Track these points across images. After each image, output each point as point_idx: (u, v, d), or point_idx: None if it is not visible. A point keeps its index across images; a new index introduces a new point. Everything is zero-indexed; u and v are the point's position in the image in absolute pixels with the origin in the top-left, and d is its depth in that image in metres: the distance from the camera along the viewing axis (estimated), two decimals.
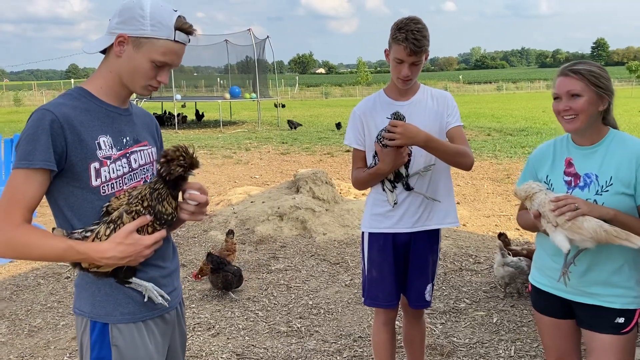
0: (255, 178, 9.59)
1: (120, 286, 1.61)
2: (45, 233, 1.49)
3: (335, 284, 4.70)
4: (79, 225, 1.56)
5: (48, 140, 1.46)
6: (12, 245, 1.47)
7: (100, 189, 1.56)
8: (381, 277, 2.63)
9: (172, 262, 1.78)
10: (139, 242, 1.51)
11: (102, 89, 1.63)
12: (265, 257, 5.37)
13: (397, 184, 2.54)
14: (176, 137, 16.07)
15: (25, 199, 1.47)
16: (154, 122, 1.88)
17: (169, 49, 1.57)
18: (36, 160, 1.45)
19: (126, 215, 1.51)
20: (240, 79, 23.59)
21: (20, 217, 1.47)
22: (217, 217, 6.54)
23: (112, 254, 1.49)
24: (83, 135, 1.53)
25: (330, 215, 6.28)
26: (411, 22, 2.33)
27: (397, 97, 2.55)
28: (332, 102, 39.60)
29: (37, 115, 1.49)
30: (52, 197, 1.57)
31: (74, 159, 1.51)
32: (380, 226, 2.60)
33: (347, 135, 2.64)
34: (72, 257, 1.49)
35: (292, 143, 14.40)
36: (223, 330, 3.86)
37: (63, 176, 1.53)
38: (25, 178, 1.46)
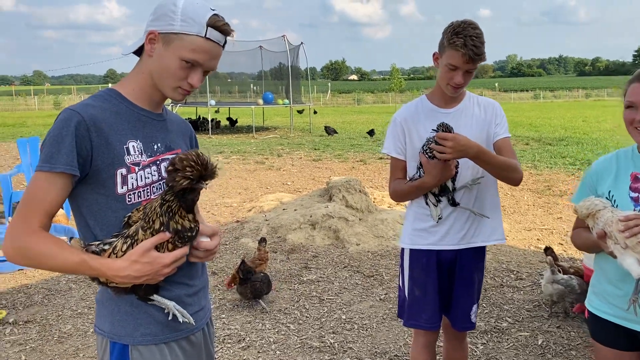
0: (287, 185, 9.49)
1: (141, 305, 1.49)
2: (60, 243, 1.38)
3: (369, 297, 4.53)
4: (101, 235, 1.45)
5: (72, 143, 1.36)
6: (26, 252, 1.37)
7: (125, 198, 1.45)
8: (424, 297, 2.45)
9: (200, 280, 1.65)
10: (156, 261, 1.38)
11: (134, 91, 1.53)
12: (297, 267, 5.23)
13: (441, 198, 2.37)
14: (210, 142, 16.16)
15: (45, 203, 1.37)
16: (189, 129, 1.77)
17: (198, 46, 1.44)
18: (59, 163, 1.35)
19: (142, 231, 1.39)
20: (273, 85, 23.65)
21: (38, 223, 1.37)
22: (249, 224, 6.45)
23: (127, 273, 1.37)
24: (111, 138, 1.43)
25: (363, 225, 6.11)
26: (469, 27, 2.16)
27: (442, 104, 2.38)
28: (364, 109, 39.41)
29: (64, 115, 1.39)
30: (75, 204, 1.47)
31: (100, 164, 1.41)
32: (423, 242, 2.43)
33: (386, 144, 2.48)
34: (85, 272, 1.38)
35: (324, 150, 14.28)
36: (254, 343, 3.74)
37: (87, 182, 1.42)
38: (46, 182, 1.37)
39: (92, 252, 1.40)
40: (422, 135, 2.32)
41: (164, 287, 1.50)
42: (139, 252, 1.36)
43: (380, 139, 16.72)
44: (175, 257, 1.41)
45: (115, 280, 1.40)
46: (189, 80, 1.48)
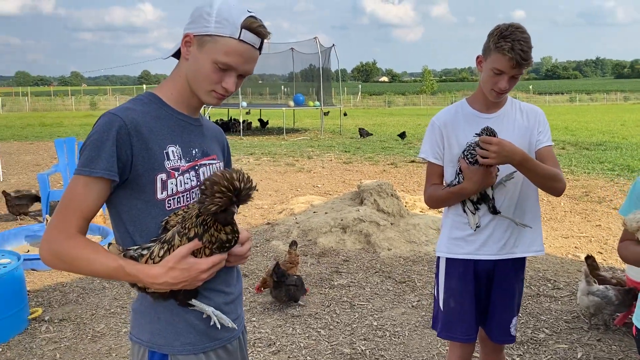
0: (317, 187, 9.47)
1: (181, 314, 1.47)
2: (97, 248, 1.37)
3: (401, 304, 4.46)
4: (140, 241, 1.43)
5: (113, 148, 1.34)
6: (62, 256, 1.36)
7: (165, 203, 1.43)
8: (461, 308, 2.38)
9: (236, 287, 1.63)
10: (194, 267, 1.35)
11: (172, 96, 1.51)
12: (327, 271, 5.19)
13: (480, 205, 2.29)
14: (241, 143, 16.28)
15: (82, 208, 1.36)
16: (223, 136, 1.76)
17: (232, 48, 1.40)
18: (98, 168, 1.34)
19: (178, 236, 1.36)
20: (304, 87, 23.69)
21: (75, 228, 1.36)
22: (280, 227, 6.44)
23: (164, 280, 1.34)
24: (151, 143, 1.41)
25: (395, 229, 6.03)
26: (517, 31, 2.08)
27: (483, 109, 2.31)
28: (395, 111, 39.17)
29: (105, 119, 1.38)
30: (114, 209, 1.45)
31: (140, 169, 1.39)
32: (460, 251, 2.35)
33: (424, 148, 2.41)
34: (122, 278, 1.36)
35: (355, 152, 14.21)
36: (284, 347, 3.71)
37: (127, 187, 1.41)
38: (84, 186, 1.36)
39: (129, 257, 1.38)
40: (461, 140, 2.25)
41: (202, 295, 1.48)
42: (176, 258, 1.34)
43: (411, 141, 16.57)
44: (212, 263, 1.38)
45: (153, 287, 1.38)
46: (223, 84, 1.45)
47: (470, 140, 2.18)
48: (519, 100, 2.40)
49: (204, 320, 1.49)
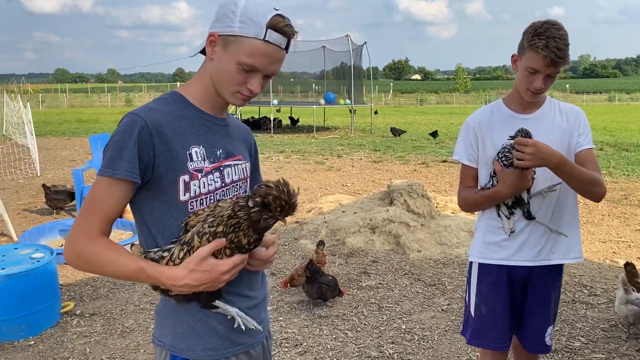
0: (346, 186, 9.41)
1: (203, 318, 1.45)
2: (119, 250, 1.35)
3: (430, 307, 4.37)
4: (163, 243, 1.41)
5: (134, 149, 1.33)
6: (85, 258, 1.35)
7: (187, 205, 1.41)
8: (493, 315, 2.30)
9: (260, 291, 1.60)
10: (214, 269, 1.32)
11: (197, 95, 1.49)
12: (355, 271, 5.13)
13: (515, 210, 2.20)
14: (271, 141, 16.34)
15: (105, 209, 1.35)
16: (251, 135, 1.72)
17: (256, 49, 1.36)
18: (120, 169, 1.32)
19: (197, 237, 1.33)
20: (335, 85, 23.62)
21: (97, 229, 1.35)
22: (308, 226, 6.41)
23: (185, 282, 1.31)
24: (174, 144, 1.39)
25: (425, 231, 5.93)
26: (552, 27, 1.99)
27: (520, 109, 2.22)
28: (427, 110, 38.73)
29: (127, 120, 1.36)
30: (138, 211, 1.44)
31: (162, 171, 1.37)
32: (494, 257, 2.27)
33: (457, 149, 2.34)
34: (143, 280, 1.35)
35: (385, 151, 14.09)
36: (310, 349, 3.68)
37: (149, 188, 1.39)
38: (107, 187, 1.34)
39: (150, 259, 1.37)
40: (497, 142, 2.17)
41: (225, 299, 1.45)
42: (196, 260, 1.31)
43: (443, 140, 16.34)
44: (233, 264, 1.35)
45: (174, 290, 1.36)
46: (248, 85, 1.42)
47: (506, 142, 2.10)
48: (559, 100, 2.30)
49: (226, 324, 1.46)
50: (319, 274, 4.30)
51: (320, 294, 4.26)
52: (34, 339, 3.73)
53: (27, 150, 12.10)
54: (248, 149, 1.67)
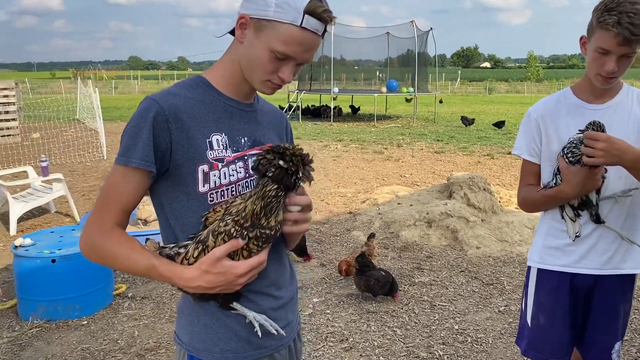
0: (404, 177, 9.15)
1: (221, 318, 1.35)
2: (133, 244, 1.28)
3: (487, 308, 4.13)
4: (182, 237, 1.33)
5: (149, 136, 1.24)
6: (97, 251, 1.29)
7: (207, 197, 1.31)
8: (551, 325, 2.08)
9: (289, 290, 1.48)
10: (230, 271, 1.22)
11: (222, 79, 1.38)
12: (408, 266, 4.95)
13: (581, 212, 1.97)
14: (330, 129, 16.23)
15: (120, 200, 1.28)
16: (284, 121, 1.59)
17: (291, 36, 1.24)
18: (134, 158, 1.24)
19: (212, 236, 1.23)
20: (399, 73, 23.14)
21: (112, 220, 1.28)
22: (362, 217, 6.26)
23: (198, 284, 1.23)
24: (192, 131, 1.29)
25: (486, 226, 5.63)
26: (625, 2, 1.73)
27: (591, 98, 1.96)
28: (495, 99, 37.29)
29: (143, 105, 1.28)
30: (158, 201, 1.36)
31: (180, 159, 1.28)
32: (556, 263, 2.05)
33: (518, 143, 2.11)
34: (155, 277, 1.27)
35: (448, 141, 13.64)
36: (357, 345, 3.56)
37: (168, 178, 1.30)
38: (122, 176, 1.27)
39: (166, 255, 1.28)
40: (563, 135, 1.94)
41: (247, 299, 1.35)
42: (210, 261, 1.21)
43: (511, 131, 15.63)
44: (250, 267, 1.24)
45: (187, 290, 1.28)
46: (279, 74, 1.30)
47: (573, 136, 1.87)
48: (635, 88, 2.02)
49: (247, 326, 1.36)
50: (368, 267, 4.17)
51: (367, 287, 4.13)
52: (87, 319, 3.83)
53: (96, 133, 12.63)
54: (279, 136, 1.54)
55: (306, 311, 4.04)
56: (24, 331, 3.64)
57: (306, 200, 1.31)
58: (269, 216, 1.22)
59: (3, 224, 6.11)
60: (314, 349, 3.49)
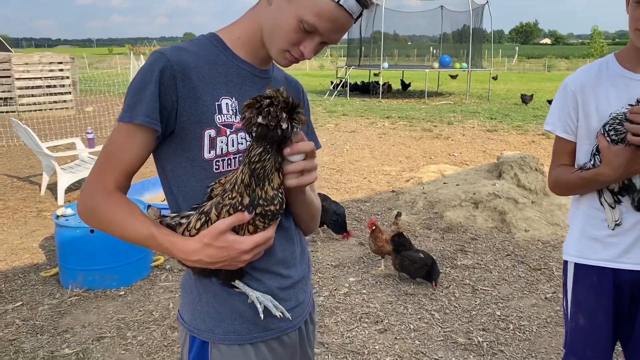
0: (453, 156, 8.84)
1: (224, 297, 1.26)
2: (132, 211, 1.18)
3: (532, 294, 3.91)
4: (184, 206, 1.24)
5: (155, 92, 1.14)
6: (95, 215, 1.20)
7: (212, 164, 1.21)
8: (591, 326, 1.86)
9: (299, 269, 1.37)
10: (233, 246, 1.12)
11: (239, 41, 1.26)
12: (451, 248, 4.76)
13: (622, 197, 1.74)
14: (378, 106, 15.93)
15: (123, 161, 1.18)
16: (301, 94, 1.46)
17: (325, 11, 1.13)
18: (139, 114, 1.14)
19: (214, 210, 1.13)
20: (454, 49, 22.36)
21: (113, 183, 1.19)
22: (405, 196, 6.08)
23: (198, 257, 1.13)
24: (201, 92, 1.19)
25: (536, 209, 5.34)
26: None
27: (637, 66, 1.72)
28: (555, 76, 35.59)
29: (150, 59, 1.18)
30: (160, 166, 1.27)
31: (186, 121, 1.18)
32: (594, 257, 1.82)
33: (551, 118, 1.87)
34: (154, 248, 1.18)
35: (502, 119, 13.10)
36: (391, 327, 3.44)
37: (172, 141, 1.21)
38: (126, 135, 1.17)
39: (166, 224, 1.19)
40: (603, 110, 1.71)
41: (253, 278, 1.25)
42: (213, 234, 1.11)
43: None
44: (255, 243, 1.14)
45: (187, 264, 1.19)
46: (301, 47, 1.19)
47: (617, 110, 1.64)
48: None
49: (253, 306, 1.26)
50: (404, 246, 4.01)
51: (402, 267, 3.99)
52: (124, 290, 3.88)
53: None
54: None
55: (341, 290, 3.95)
56: (64, 299, 3.73)
57: (308, 146, 1.15)
58: (262, 184, 1.10)
59: (52, 193, 6.32)
60: (348, 329, 3.40)
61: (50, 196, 6.26)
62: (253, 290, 1.23)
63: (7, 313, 3.56)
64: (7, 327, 3.39)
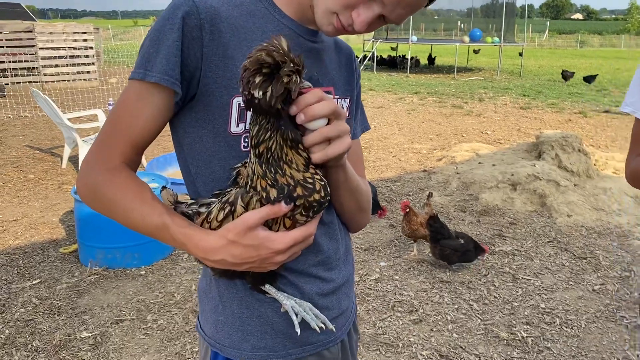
0: (486, 134, 8.47)
1: (253, 305, 1.03)
2: (142, 193, 0.93)
3: (578, 285, 3.63)
4: (203, 190, 1.00)
5: (177, 44, 0.90)
6: (96, 194, 0.95)
7: (240, 141, 0.96)
8: None
9: (342, 271, 1.13)
10: (264, 244, 0.88)
11: None
12: (488, 233, 4.48)
13: None
14: (406, 81, 15.47)
15: (133, 129, 0.93)
16: (352, 60, 1.19)
17: None
18: (154, 70, 0.90)
19: (240, 201, 0.88)
20: (483, 23, 21.60)
21: (120, 156, 0.94)
22: (437, 176, 5.78)
23: (221, 257, 0.89)
24: (232, 49, 0.94)
25: (579, 192, 5.01)
26: None
27: None
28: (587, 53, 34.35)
29: (173, 2, 0.93)
30: (177, 141, 1.02)
31: (211, 84, 0.93)
32: None
33: (631, 97, 1.58)
34: (166, 241, 0.93)
35: (536, 97, 12.57)
36: (427, 317, 3.21)
37: (193, 109, 0.96)
38: (137, 97, 0.92)
39: (182, 212, 0.95)
40: None
41: (287, 282, 1.02)
42: (240, 228, 0.87)
43: (607, 88, 14.23)
44: (293, 241, 0.89)
45: (205, 264, 0.95)
46: (354, 13, 0.93)
47: None
48: None
49: (287, 315, 1.02)
50: (442, 234, 3.74)
51: (443, 256, 3.73)
52: (145, 269, 3.71)
53: None
54: (348, 79, 1.16)
55: (372, 275, 3.72)
56: (83, 277, 3.58)
57: (326, 106, 0.86)
58: (280, 169, 0.85)
59: (74, 166, 6.18)
60: (380, 319, 3.18)
61: (71, 169, 6.12)
62: (288, 296, 1.00)
63: (25, 291, 3.42)
64: (24, 306, 3.25)
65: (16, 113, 9.39)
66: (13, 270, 3.70)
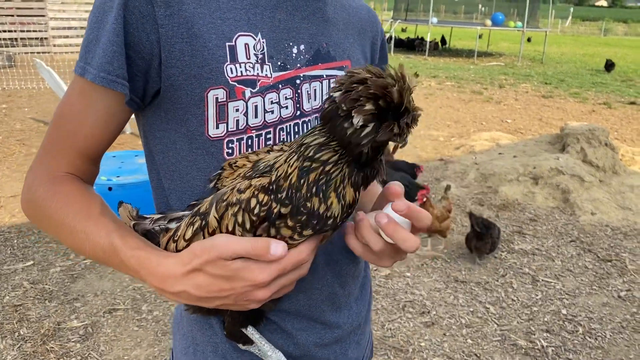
0: (506, 122, 8.15)
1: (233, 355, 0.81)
2: (89, 209, 0.72)
3: (603, 290, 3.39)
4: (176, 203, 0.78)
5: (116, 27, 0.67)
6: (34, 209, 0.75)
7: (223, 146, 0.73)
8: None
9: (354, 312, 0.89)
10: (240, 275, 0.64)
11: None
12: (507, 229, 4.23)
13: None
14: (424, 64, 15.07)
15: (78, 136, 0.73)
16: (376, 25, 0.93)
17: None
18: (92, 64, 0.68)
19: (214, 210, 0.66)
20: (505, 8, 21.00)
21: (65, 165, 0.75)
22: (454, 166, 5.52)
23: (182, 288, 0.66)
24: (199, 23, 0.70)
25: (605, 189, 4.74)
26: None
27: None
28: (611, 41, 33.40)
29: None
30: (147, 148, 0.80)
31: (177, 74, 0.70)
32: None
33: None
34: (116, 266, 0.71)
35: (558, 85, 12.16)
36: (440, 320, 3.00)
37: (161, 107, 0.73)
38: (80, 96, 0.72)
39: (145, 231, 0.72)
40: None
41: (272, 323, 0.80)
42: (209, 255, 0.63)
43: (632, 78, 13.74)
44: (280, 269, 0.65)
45: (166, 297, 0.72)
46: None
47: None
48: None
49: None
50: (487, 228, 3.56)
51: (492, 247, 3.63)
52: None
53: None
54: (364, 47, 0.90)
55: (382, 271, 3.51)
56: (78, 261, 3.41)
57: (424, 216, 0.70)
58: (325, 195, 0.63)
59: None
60: (389, 320, 2.98)
61: None
62: (273, 348, 0.77)
63: (17, 273, 3.26)
64: (15, 289, 3.09)
65: (23, 84, 9.21)
66: (7, 249, 3.54)
